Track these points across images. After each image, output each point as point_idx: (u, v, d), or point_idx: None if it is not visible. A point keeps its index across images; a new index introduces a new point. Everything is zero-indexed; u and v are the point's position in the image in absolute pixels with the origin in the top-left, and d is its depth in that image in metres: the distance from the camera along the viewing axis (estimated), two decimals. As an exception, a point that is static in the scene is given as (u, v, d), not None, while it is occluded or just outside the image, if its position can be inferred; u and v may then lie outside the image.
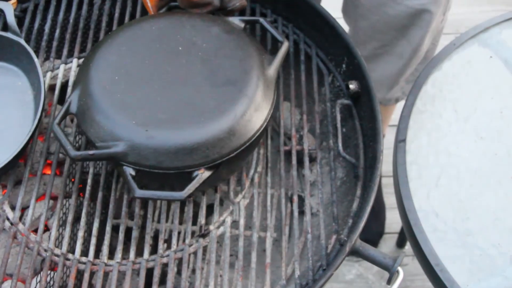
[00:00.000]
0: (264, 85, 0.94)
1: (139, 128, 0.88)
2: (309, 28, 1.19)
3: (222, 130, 0.88)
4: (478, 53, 1.21)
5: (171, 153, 0.87)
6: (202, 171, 0.88)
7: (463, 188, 1.06)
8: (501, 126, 1.12)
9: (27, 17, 1.19)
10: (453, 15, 1.57)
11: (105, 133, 0.89)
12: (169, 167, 0.88)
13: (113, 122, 0.89)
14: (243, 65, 0.95)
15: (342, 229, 1.00)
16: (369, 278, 1.84)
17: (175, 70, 0.94)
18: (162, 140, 0.87)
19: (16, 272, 0.92)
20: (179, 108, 0.90)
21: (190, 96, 0.91)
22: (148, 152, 0.87)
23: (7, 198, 1.00)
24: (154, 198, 0.88)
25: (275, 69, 0.98)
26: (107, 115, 0.89)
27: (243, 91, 0.92)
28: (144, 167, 0.88)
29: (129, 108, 0.90)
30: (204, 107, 0.90)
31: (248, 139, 0.91)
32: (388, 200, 1.90)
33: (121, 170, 0.89)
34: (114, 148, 0.87)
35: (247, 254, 0.99)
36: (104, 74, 0.93)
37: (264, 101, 0.93)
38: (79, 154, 0.89)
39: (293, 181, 1.05)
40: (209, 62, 0.95)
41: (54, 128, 0.91)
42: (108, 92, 0.91)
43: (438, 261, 0.97)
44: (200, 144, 0.87)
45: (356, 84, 1.11)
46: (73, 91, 0.95)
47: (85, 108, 0.91)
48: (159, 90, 0.92)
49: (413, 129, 1.11)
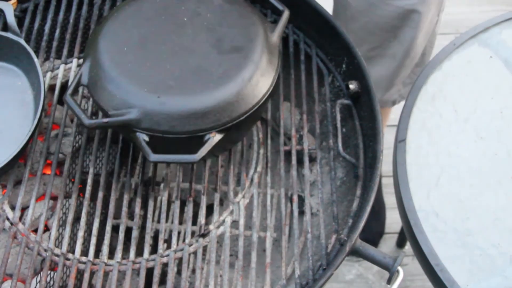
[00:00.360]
0: (269, 51, 0.97)
1: (151, 95, 0.91)
2: (309, 28, 1.19)
3: (231, 94, 0.92)
4: (478, 53, 1.20)
5: (183, 118, 0.90)
6: (213, 134, 0.91)
7: (463, 188, 1.06)
8: (501, 126, 1.12)
9: (27, 17, 1.19)
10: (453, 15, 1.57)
11: (118, 102, 0.91)
12: (182, 132, 0.91)
13: (125, 91, 0.91)
14: (248, 33, 0.98)
15: (342, 229, 1.00)
16: (369, 278, 1.84)
17: (182, 39, 0.97)
18: (174, 105, 0.90)
19: (16, 272, 0.92)
20: (189, 75, 0.94)
21: (198, 64, 0.95)
22: (160, 118, 0.90)
23: (7, 198, 1.00)
24: (168, 161, 0.92)
25: (278, 36, 1.01)
26: (118, 84, 0.92)
27: (249, 57, 0.95)
28: (157, 132, 0.91)
29: (140, 77, 0.93)
30: (213, 73, 0.94)
31: (256, 103, 0.94)
32: (388, 200, 1.90)
33: (135, 136, 0.91)
34: (128, 116, 0.90)
35: (247, 254, 0.99)
36: (113, 46, 0.96)
37: (269, 66, 0.97)
38: (94, 122, 0.92)
39: (293, 181, 1.05)
40: (215, 31, 0.98)
41: (67, 99, 0.93)
42: (118, 62, 0.94)
43: (438, 261, 0.97)
44: (211, 108, 0.91)
45: (356, 84, 1.11)
46: (83, 63, 0.97)
47: (97, 78, 0.94)
48: (168, 59, 0.95)
49: (413, 129, 1.11)
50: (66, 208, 1.03)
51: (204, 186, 1.03)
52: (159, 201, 1.08)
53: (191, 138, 0.91)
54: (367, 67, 1.09)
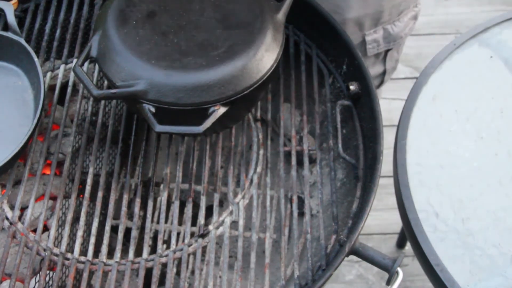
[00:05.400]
0: (274, 27, 1.00)
1: (158, 67, 0.93)
2: (310, 29, 1.19)
3: (236, 68, 0.94)
4: (478, 53, 1.20)
5: (189, 90, 0.92)
6: (218, 107, 0.93)
7: (463, 188, 1.06)
8: (501, 126, 1.12)
9: (27, 17, 1.19)
10: (453, 15, 1.57)
11: (126, 73, 0.94)
12: (187, 103, 0.93)
13: (133, 62, 0.94)
14: (253, 10, 1.01)
15: (342, 230, 1.00)
16: (369, 279, 1.84)
17: (189, 15, 1.00)
18: (180, 77, 0.93)
19: (15, 271, 0.92)
20: (195, 49, 0.96)
21: (205, 38, 0.97)
22: (167, 89, 0.92)
23: (6, 198, 1.00)
24: (173, 132, 0.94)
25: (283, 13, 1.04)
26: (126, 56, 0.94)
27: (255, 32, 0.98)
28: (163, 104, 0.93)
29: (148, 49, 0.95)
30: (219, 48, 0.96)
31: (260, 78, 0.96)
32: (388, 200, 1.89)
33: (141, 108, 0.93)
34: (135, 87, 0.92)
35: (246, 255, 0.99)
36: (121, 20, 0.99)
37: (274, 43, 0.99)
38: (102, 93, 0.93)
39: (292, 182, 1.05)
40: (221, 7, 1.01)
41: (77, 70, 0.95)
42: (127, 35, 0.97)
43: (438, 261, 0.97)
44: (216, 81, 0.93)
45: (356, 85, 1.11)
46: (93, 36, 0.99)
47: (106, 51, 0.96)
48: (175, 33, 0.98)
49: (413, 129, 1.11)
50: (66, 208, 1.03)
51: (203, 187, 1.03)
52: (158, 202, 1.08)
53: (196, 111, 0.93)
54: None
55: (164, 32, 0.98)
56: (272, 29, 0.99)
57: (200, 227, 0.99)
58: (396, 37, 1.45)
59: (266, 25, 0.99)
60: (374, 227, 1.96)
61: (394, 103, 1.95)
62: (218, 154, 1.07)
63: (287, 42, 1.17)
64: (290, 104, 1.12)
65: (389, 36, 1.44)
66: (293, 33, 1.19)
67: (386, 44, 1.45)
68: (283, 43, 1.01)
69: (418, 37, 2.23)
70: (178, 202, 1.02)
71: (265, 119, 1.12)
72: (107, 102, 1.13)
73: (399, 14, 1.42)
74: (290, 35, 1.19)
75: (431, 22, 2.34)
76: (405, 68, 2.26)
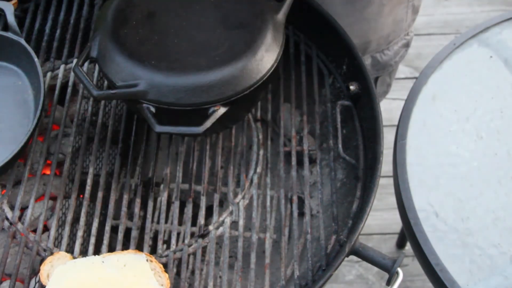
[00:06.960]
0: (274, 27, 1.00)
1: (158, 67, 0.93)
2: (310, 29, 1.19)
3: (236, 68, 0.94)
4: (478, 53, 1.20)
5: (189, 90, 0.92)
6: (218, 107, 0.93)
7: (463, 188, 1.06)
8: (501, 125, 1.12)
9: (27, 17, 1.19)
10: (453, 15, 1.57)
11: (126, 73, 0.94)
12: (187, 104, 0.93)
13: (133, 63, 0.94)
14: (254, 10, 1.01)
15: (342, 230, 1.00)
16: (369, 279, 1.84)
17: (189, 15, 1.00)
18: (180, 78, 0.93)
19: (15, 272, 0.92)
20: (196, 48, 0.96)
21: (205, 38, 0.97)
22: (167, 90, 0.92)
23: (6, 198, 1.00)
24: (173, 132, 0.94)
25: (284, 14, 1.03)
26: (127, 56, 0.94)
27: (255, 33, 0.97)
28: (163, 104, 0.93)
29: (148, 50, 0.95)
30: (219, 48, 0.96)
31: (260, 78, 0.96)
32: (388, 200, 1.90)
33: (141, 108, 0.93)
34: (135, 87, 0.93)
35: (247, 255, 0.99)
36: (121, 20, 0.99)
37: (274, 43, 0.99)
38: (102, 93, 0.93)
39: (292, 182, 1.05)
40: (221, 8, 1.01)
41: (77, 70, 0.95)
42: (127, 36, 0.97)
43: (438, 261, 0.97)
44: (216, 82, 0.93)
45: (356, 86, 1.11)
46: (93, 36, 0.99)
47: (106, 51, 0.96)
48: (175, 33, 0.98)
49: (413, 129, 1.11)
50: (66, 208, 1.03)
51: (203, 187, 1.03)
52: (158, 202, 1.08)
53: (196, 111, 0.93)
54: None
55: (165, 32, 0.98)
56: (272, 30, 0.99)
57: (200, 227, 1.00)
58: (386, 65, 1.43)
59: (266, 26, 0.99)
60: (374, 227, 1.96)
61: (394, 103, 1.95)
62: (218, 154, 1.07)
63: (287, 42, 1.17)
64: (290, 104, 1.12)
65: (378, 64, 1.42)
66: (293, 33, 1.19)
67: (375, 72, 1.44)
68: (283, 43, 1.01)
69: (418, 37, 2.23)
70: (178, 202, 1.02)
71: (265, 119, 1.12)
72: (107, 102, 1.13)
73: (388, 44, 1.40)
74: (290, 35, 1.19)
75: (431, 22, 2.34)
76: (405, 68, 2.26)
